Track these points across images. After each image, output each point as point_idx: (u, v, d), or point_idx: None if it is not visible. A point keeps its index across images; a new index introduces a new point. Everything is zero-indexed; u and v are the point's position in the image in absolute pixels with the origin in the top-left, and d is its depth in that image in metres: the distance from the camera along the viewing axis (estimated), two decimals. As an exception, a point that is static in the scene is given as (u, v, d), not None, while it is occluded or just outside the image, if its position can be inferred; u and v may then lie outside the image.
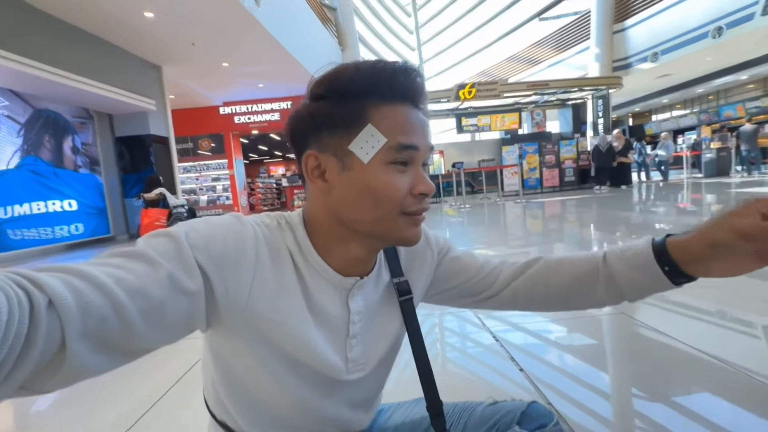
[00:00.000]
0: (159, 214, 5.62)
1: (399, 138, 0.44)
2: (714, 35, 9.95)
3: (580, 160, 10.67)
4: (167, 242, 0.38)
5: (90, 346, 0.30)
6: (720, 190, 6.83)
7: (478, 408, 0.61)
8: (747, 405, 1.03)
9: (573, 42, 14.45)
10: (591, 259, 0.54)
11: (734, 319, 1.61)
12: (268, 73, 9.01)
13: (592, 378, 1.26)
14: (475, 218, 6.17)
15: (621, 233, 3.89)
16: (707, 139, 10.41)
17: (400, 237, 0.47)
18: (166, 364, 1.56)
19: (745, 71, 12.81)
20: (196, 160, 11.20)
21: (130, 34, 6.31)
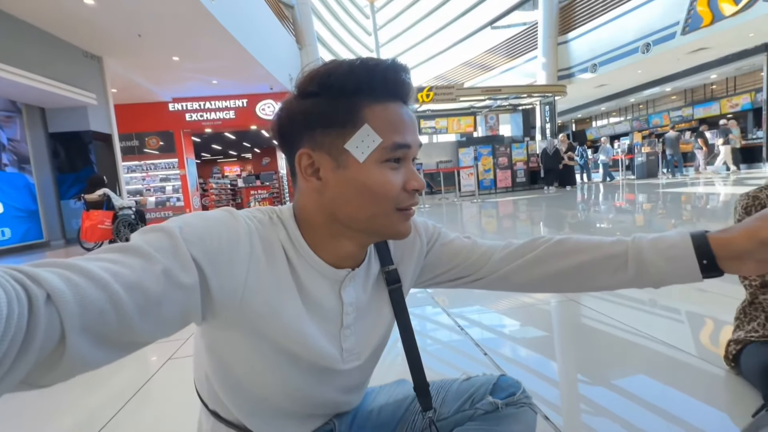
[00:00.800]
0: (103, 216, 5.22)
1: (393, 138, 0.45)
2: (643, 50, 11.02)
3: (530, 162, 11.34)
4: (162, 237, 0.38)
5: (89, 340, 0.30)
6: (650, 190, 7.59)
7: (454, 384, 0.66)
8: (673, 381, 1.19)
9: (523, 51, 15.31)
10: (618, 244, 0.52)
11: (664, 307, 1.83)
12: (222, 69, 8.65)
13: (544, 358, 1.39)
14: (435, 218, 6.35)
15: (570, 228, 4.21)
16: (639, 144, 11.51)
17: (394, 231, 0.49)
18: (152, 348, 1.48)
19: (669, 84, 14.30)
20: (143, 159, 10.48)
21: (66, 21, 5.79)
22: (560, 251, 0.55)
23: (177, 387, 1.37)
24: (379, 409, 0.67)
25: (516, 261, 0.57)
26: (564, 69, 13.48)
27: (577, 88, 13.90)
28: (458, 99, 11.18)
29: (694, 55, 11.22)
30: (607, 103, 17.64)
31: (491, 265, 0.58)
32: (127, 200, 5.97)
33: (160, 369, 1.51)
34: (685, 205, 5.29)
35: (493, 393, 0.62)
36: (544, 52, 13.53)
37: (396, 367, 1.39)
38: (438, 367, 1.38)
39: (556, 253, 0.55)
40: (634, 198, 6.80)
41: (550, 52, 13.46)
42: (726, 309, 1.62)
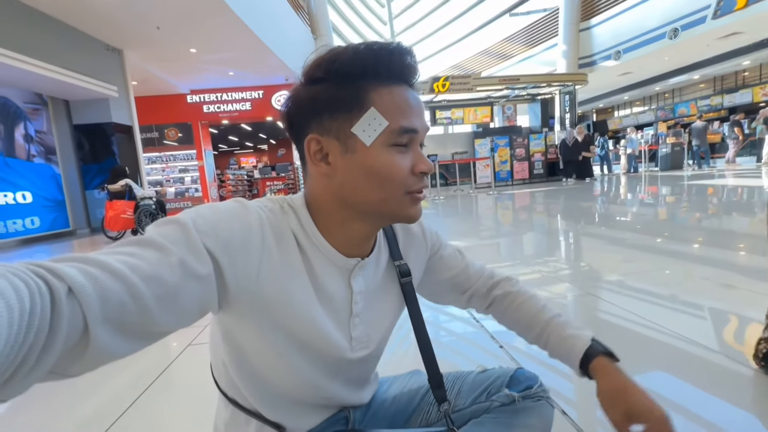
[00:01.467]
0: (125, 206, 5.38)
1: (400, 121, 0.45)
2: (671, 36, 10.55)
3: (549, 153, 11.07)
4: (176, 229, 0.39)
5: (111, 331, 0.31)
6: (674, 182, 7.32)
7: (469, 376, 0.66)
8: (691, 373, 1.15)
9: (542, 38, 14.86)
10: (538, 319, 0.63)
11: (687, 302, 1.77)
12: (238, 60, 8.71)
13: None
14: (450, 210, 6.30)
15: (585, 222, 4.11)
16: (663, 135, 11.08)
17: (404, 215, 0.49)
18: (172, 334, 1.54)
19: (697, 71, 13.69)
20: (162, 150, 10.71)
21: (88, 15, 5.91)
22: (505, 308, 0.68)
23: (197, 372, 1.41)
24: (393, 399, 0.67)
25: (479, 301, 0.70)
26: (585, 57, 13.03)
27: (599, 77, 13.44)
28: (475, 89, 10.95)
29: (726, 41, 10.67)
30: (631, 91, 17.01)
31: (466, 294, 0.70)
32: (148, 190, 6.13)
33: (180, 354, 1.56)
34: (711, 198, 5.09)
35: (510, 386, 0.61)
36: (565, 40, 13.09)
37: (410, 357, 1.39)
38: (453, 359, 1.38)
39: (503, 308, 0.68)
40: (657, 191, 6.58)
41: (572, 39, 13.02)
42: (754, 306, 1.56)
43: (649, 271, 2.22)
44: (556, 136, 11.32)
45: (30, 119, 6.31)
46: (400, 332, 1.58)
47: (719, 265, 2.20)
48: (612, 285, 2.03)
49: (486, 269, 0.71)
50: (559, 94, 11.97)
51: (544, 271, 2.36)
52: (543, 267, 2.47)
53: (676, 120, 14.67)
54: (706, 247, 2.71)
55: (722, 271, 2.08)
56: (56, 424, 1.18)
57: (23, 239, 6.06)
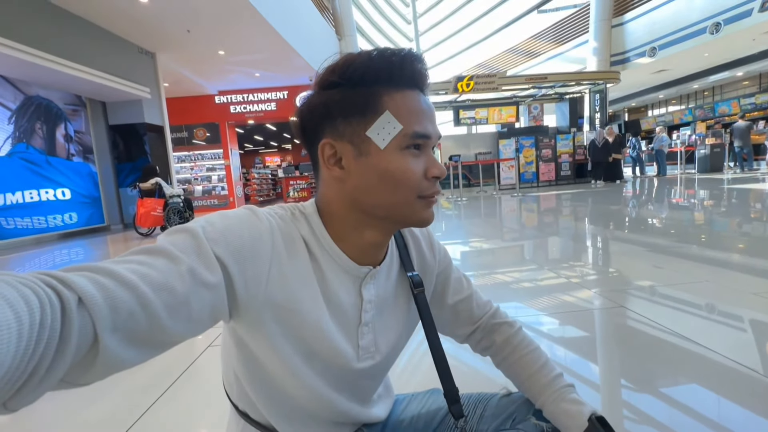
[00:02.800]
0: (155, 204, 5.58)
1: (414, 126, 0.46)
2: (712, 31, 9.97)
3: (577, 154, 10.71)
4: (186, 238, 0.39)
5: (121, 340, 0.31)
6: (714, 186, 6.92)
7: (493, 399, 0.62)
8: (733, 396, 1.06)
9: (572, 35, 14.39)
10: (536, 380, 0.59)
11: (724, 313, 1.65)
12: (264, 61, 8.89)
13: (593, 369, 1.30)
14: (472, 211, 6.20)
15: (614, 227, 3.94)
16: (702, 135, 10.48)
17: (416, 218, 0.49)
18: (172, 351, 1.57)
19: (741, 68, 12.88)
20: (191, 149, 11.08)
21: (123, 19, 6.18)
22: (504, 357, 0.64)
23: (216, 374, 1.43)
24: (411, 420, 0.65)
25: (477, 341, 0.67)
26: (618, 54, 12.51)
27: (632, 75, 12.88)
28: (500, 88, 10.72)
29: (774, 35, 9.99)
30: (666, 90, 16.21)
31: (465, 329, 0.67)
32: (177, 189, 6.34)
33: (200, 355, 1.59)
34: (755, 203, 4.76)
35: (537, 414, 0.57)
36: (596, 36, 12.61)
37: (429, 374, 1.36)
38: (474, 379, 1.31)
39: (502, 357, 0.64)
40: (694, 194, 6.23)
41: (603, 35, 12.52)
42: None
43: (686, 283, 2.09)
44: (585, 136, 10.93)
45: (70, 120, 6.67)
46: (419, 347, 1.55)
47: (765, 275, 2.04)
48: (644, 293, 1.92)
49: (490, 306, 0.67)
50: (589, 93, 11.54)
51: (569, 276, 2.26)
52: (570, 272, 2.37)
53: (717, 119, 13.86)
54: (752, 257, 2.52)
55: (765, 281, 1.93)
56: (73, 426, 1.21)
57: (62, 234, 6.41)
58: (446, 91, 10.47)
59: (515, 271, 2.59)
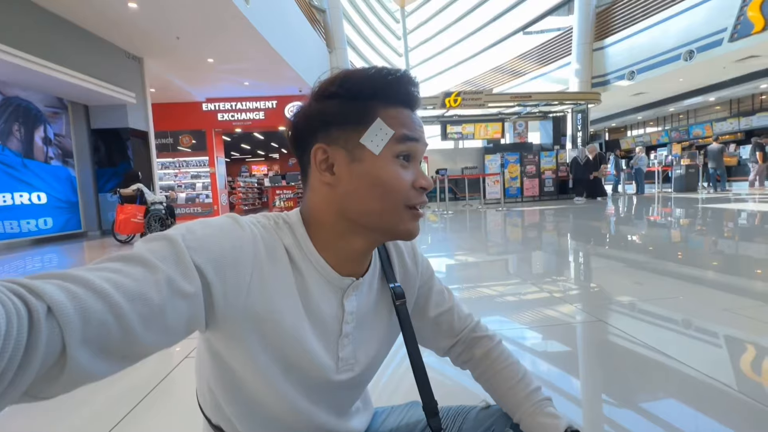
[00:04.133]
0: (136, 210, 5.45)
1: (403, 130, 0.48)
2: (686, 58, 10.49)
3: (560, 171, 10.99)
4: (164, 245, 0.38)
5: (90, 352, 0.30)
6: (689, 205, 7.18)
7: (471, 412, 0.62)
8: (707, 409, 1.08)
9: (555, 57, 14.91)
10: (514, 394, 0.59)
11: (697, 328, 1.69)
12: (254, 71, 8.90)
13: (568, 379, 1.31)
14: (458, 225, 6.25)
15: (595, 242, 4.03)
16: (678, 156, 10.92)
17: (402, 229, 0.49)
18: (148, 363, 1.51)
19: (713, 93, 13.54)
20: (176, 156, 10.92)
21: (111, 24, 6.12)
22: (483, 371, 0.64)
23: (193, 386, 1.38)
24: None
25: (457, 354, 0.67)
26: (599, 76, 13.00)
27: (612, 96, 13.38)
28: (486, 105, 10.98)
29: (743, 64, 10.57)
30: (645, 112, 16.88)
31: (445, 342, 0.67)
32: (159, 195, 6.21)
33: (176, 367, 1.54)
34: (727, 222, 4.96)
35: (515, 427, 0.57)
36: (578, 59, 13.11)
37: (409, 387, 1.34)
38: (454, 392, 1.31)
39: (481, 370, 0.64)
40: (671, 212, 6.45)
41: (585, 58, 13.03)
42: (775, 340, 1.48)
43: (662, 298, 2.14)
44: (568, 154, 11.24)
45: (50, 122, 6.50)
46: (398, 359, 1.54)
47: (738, 292, 2.12)
48: (623, 308, 1.96)
49: (471, 319, 0.68)
50: (572, 113, 11.93)
51: (551, 290, 2.29)
52: (551, 286, 2.40)
53: (691, 141, 14.48)
54: (723, 274, 2.61)
55: (740, 299, 2.00)
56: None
57: (36, 239, 6.17)
58: (434, 106, 10.66)
59: (499, 285, 2.61)
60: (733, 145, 12.96)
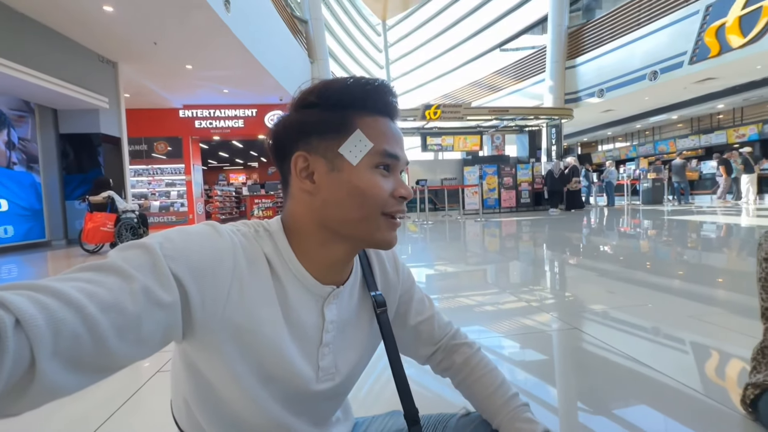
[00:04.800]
0: (105, 218, 5.23)
1: (384, 145, 0.48)
2: (651, 78, 11.11)
3: (535, 183, 11.33)
4: (141, 254, 0.37)
5: (61, 365, 0.29)
6: (656, 216, 7.52)
7: (452, 419, 0.63)
8: (677, 414, 1.13)
9: (530, 73, 15.49)
10: (493, 401, 0.60)
11: (665, 335, 1.77)
12: (234, 78, 8.80)
13: (545, 386, 1.33)
14: (438, 234, 6.31)
15: (570, 253, 4.16)
16: (645, 170, 11.47)
17: (380, 238, 0.49)
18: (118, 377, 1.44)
19: (676, 111, 14.37)
20: (150, 163, 10.60)
21: (85, 27, 5.94)
22: (463, 378, 0.65)
23: (165, 402, 1.33)
24: None
25: (437, 362, 0.68)
26: (571, 93, 13.58)
27: (584, 112, 13.97)
28: (465, 118, 11.25)
29: (701, 85, 11.29)
30: (614, 128, 17.71)
31: (426, 350, 0.67)
32: (131, 203, 6.00)
33: (147, 381, 1.47)
34: (690, 232, 5.22)
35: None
36: (552, 76, 13.67)
37: (388, 395, 1.34)
38: (434, 401, 1.31)
39: (461, 378, 0.65)
40: (639, 223, 6.74)
41: (558, 75, 13.60)
42: (736, 344, 1.56)
43: (633, 305, 2.22)
44: (543, 166, 11.62)
45: (14, 126, 6.19)
46: (378, 367, 1.53)
47: (702, 301, 2.22)
48: (596, 317, 2.02)
49: (450, 327, 0.68)
50: (546, 127, 12.38)
51: (528, 301, 2.34)
52: (529, 295, 2.45)
53: (657, 156, 15.25)
54: (688, 282, 2.74)
55: (704, 307, 2.10)
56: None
57: (-6, 249, 5.81)
58: (414, 118, 10.83)
59: (477, 293, 2.64)
60: (695, 160, 13.74)
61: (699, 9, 9.72)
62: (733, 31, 8.98)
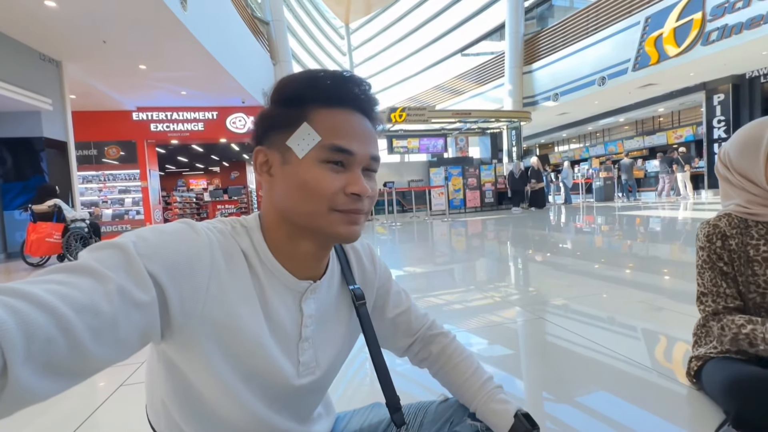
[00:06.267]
0: (52, 228, 4.84)
1: (334, 139, 0.46)
2: (599, 83, 11.88)
3: (498, 183, 11.76)
4: (114, 254, 0.37)
5: (35, 370, 0.28)
6: (608, 213, 8.04)
7: (431, 406, 0.65)
8: (630, 388, 1.22)
9: (490, 78, 16.07)
10: (469, 386, 0.62)
11: (621, 324, 1.90)
12: (192, 80, 8.45)
13: (512, 377, 1.40)
14: (406, 236, 6.39)
15: (532, 249, 4.36)
16: (597, 170, 12.23)
17: (333, 232, 0.48)
18: (101, 374, 1.34)
19: (622, 114, 15.44)
20: (100, 168, 9.94)
21: (23, 22, 5.48)
22: (440, 367, 0.67)
23: (129, 418, 1.26)
24: None
25: (415, 353, 0.70)
26: (529, 96, 14.24)
27: (541, 115, 14.68)
28: (430, 120, 11.49)
29: (644, 90, 12.22)
30: (568, 130, 18.76)
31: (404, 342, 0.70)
32: (80, 212, 5.59)
33: (110, 397, 1.39)
34: (639, 227, 5.64)
35: (472, 415, 0.61)
36: (510, 80, 14.27)
37: (367, 388, 1.35)
38: (414, 390, 1.35)
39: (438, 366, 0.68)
40: (593, 220, 7.17)
41: (516, 80, 14.21)
42: (681, 326, 1.71)
43: (589, 295, 2.37)
44: (505, 167, 12.08)
45: (-60, 130, 5.60)
46: (357, 362, 1.53)
47: (649, 289, 2.41)
48: (558, 309, 2.14)
49: (426, 318, 0.71)
50: (507, 129, 12.89)
51: (494, 296, 2.44)
52: (495, 293, 2.55)
53: (607, 156, 16.30)
54: (638, 272, 2.96)
55: (652, 294, 2.28)
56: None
57: None
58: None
59: (446, 290, 2.71)
60: (640, 160, 14.83)
61: (639, 20, 10.53)
62: (669, 41, 9.79)
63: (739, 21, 8.48)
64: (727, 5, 8.65)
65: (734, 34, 8.60)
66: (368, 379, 1.43)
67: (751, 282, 0.95)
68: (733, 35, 8.63)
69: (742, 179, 0.97)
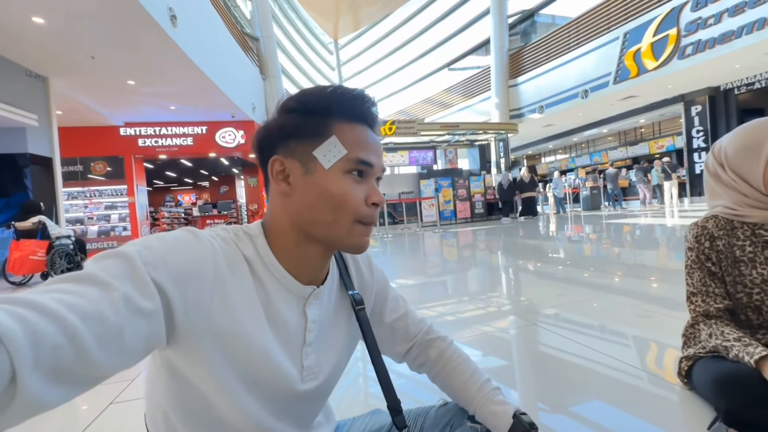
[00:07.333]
0: (36, 246, 4.73)
1: (357, 153, 0.49)
2: (583, 96, 12.25)
3: (488, 194, 11.91)
4: (119, 263, 0.37)
5: (43, 379, 0.29)
6: (596, 221, 8.18)
7: (431, 410, 0.65)
8: (623, 389, 1.24)
9: (477, 91, 16.43)
10: (468, 389, 0.63)
11: (612, 331, 1.93)
12: (181, 95, 8.45)
13: (507, 387, 1.40)
14: (398, 248, 6.39)
15: (523, 259, 4.40)
16: (583, 180, 12.49)
17: (350, 242, 0.50)
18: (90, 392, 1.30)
19: (605, 126, 15.90)
20: (86, 185, 9.78)
21: (10, 38, 5.44)
22: (439, 371, 0.68)
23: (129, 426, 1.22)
24: None
25: (413, 358, 0.71)
26: (515, 109, 14.57)
27: (527, 127, 15.02)
28: (419, 133, 11.65)
29: (625, 102, 12.63)
30: (554, 141, 19.19)
31: (402, 347, 0.70)
32: (65, 229, 5.47)
33: (99, 415, 1.35)
34: (626, 235, 5.74)
35: (471, 418, 0.61)
36: (497, 93, 14.61)
37: (370, 400, 1.34)
38: (413, 389, 1.35)
39: (437, 371, 0.68)
40: (582, 229, 7.29)
41: (502, 93, 14.56)
42: (670, 327, 1.74)
43: (580, 302, 2.40)
44: (494, 178, 12.27)
45: None
46: (355, 370, 1.52)
47: (637, 297, 2.46)
48: (549, 318, 2.16)
49: (424, 323, 0.72)
50: (494, 141, 13.14)
51: (487, 306, 2.45)
52: (487, 302, 2.56)
53: (593, 166, 16.68)
54: (627, 279, 3.01)
55: (640, 302, 2.32)
56: None
57: None
58: (371, 134, 11.02)
59: (441, 302, 2.72)
60: (624, 169, 15.21)
61: (618, 36, 10.95)
62: (647, 55, 10.19)
63: (711, 36, 8.89)
64: (700, 21, 9.07)
65: (708, 49, 9.00)
66: (367, 386, 1.41)
67: (738, 282, 0.99)
68: (707, 49, 9.03)
69: (735, 177, 0.96)
